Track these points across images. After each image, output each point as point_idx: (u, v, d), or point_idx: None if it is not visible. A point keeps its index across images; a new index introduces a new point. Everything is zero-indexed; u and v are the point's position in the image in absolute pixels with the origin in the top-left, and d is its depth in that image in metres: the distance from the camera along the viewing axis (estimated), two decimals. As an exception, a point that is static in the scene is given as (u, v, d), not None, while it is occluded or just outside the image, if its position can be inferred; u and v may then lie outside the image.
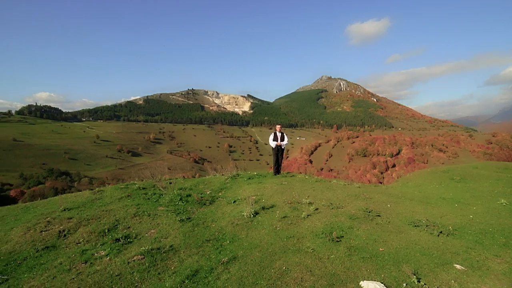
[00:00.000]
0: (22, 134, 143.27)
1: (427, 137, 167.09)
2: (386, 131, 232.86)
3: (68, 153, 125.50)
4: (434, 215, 5.65)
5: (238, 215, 5.75)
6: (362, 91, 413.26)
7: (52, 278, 3.59)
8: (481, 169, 11.87)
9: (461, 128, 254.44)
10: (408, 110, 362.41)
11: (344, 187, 7.76)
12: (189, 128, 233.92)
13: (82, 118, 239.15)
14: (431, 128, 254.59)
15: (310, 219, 5.18)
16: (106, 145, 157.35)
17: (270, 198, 6.67)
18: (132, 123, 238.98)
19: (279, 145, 9.78)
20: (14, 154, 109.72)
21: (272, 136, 9.95)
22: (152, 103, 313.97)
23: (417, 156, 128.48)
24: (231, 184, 8.69)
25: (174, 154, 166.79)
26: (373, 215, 5.34)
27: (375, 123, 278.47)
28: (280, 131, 10.01)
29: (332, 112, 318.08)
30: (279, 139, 9.86)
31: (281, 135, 9.96)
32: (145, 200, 7.30)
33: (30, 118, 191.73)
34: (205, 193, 8.06)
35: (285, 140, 10.01)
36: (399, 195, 7.21)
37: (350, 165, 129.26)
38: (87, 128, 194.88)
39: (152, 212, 6.36)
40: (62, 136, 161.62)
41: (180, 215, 6.09)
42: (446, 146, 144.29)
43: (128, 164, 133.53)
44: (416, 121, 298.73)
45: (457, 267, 3.53)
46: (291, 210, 5.70)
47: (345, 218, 5.19)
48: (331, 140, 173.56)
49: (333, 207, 5.78)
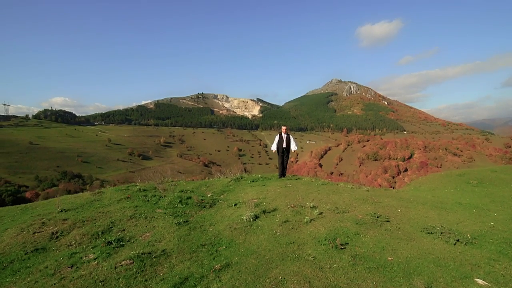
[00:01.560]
0: (38, 138, 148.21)
1: (441, 141, 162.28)
2: (397, 135, 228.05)
3: (81, 156, 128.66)
4: (449, 221, 5.19)
5: (238, 218, 5.46)
6: (373, 94, 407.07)
7: (34, 282, 3.39)
8: (500, 173, 11.14)
9: (476, 132, 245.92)
10: (420, 113, 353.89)
11: (352, 190, 7.35)
12: (199, 132, 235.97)
13: (94, 122, 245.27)
14: (445, 131, 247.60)
15: (313, 224, 4.82)
16: (117, 148, 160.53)
17: (272, 201, 6.34)
18: (143, 127, 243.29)
19: (282, 150, 9.40)
20: (30, 157, 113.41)
21: (277, 139, 9.57)
22: (163, 107, 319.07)
23: (430, 160, 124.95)
24: (234, 187, 8.41)
25: (184, 157, 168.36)
26: (382, 221, 4.94)
27: (386, 127, 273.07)
28: (286, 133, 9.63)
29: (342, 116, 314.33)
30: (284, 141, 9.47)
31: (287, 137, 9.58)
32: (144, 202, 7.12)
33: (45, 122, 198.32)
34: (206, 195, 7.81)
35: (293, 145, 9.53)
36: (411, 199, 6.74)
37: (361, 169, 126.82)
38: (99, 131, 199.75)
39: (150, 215, 6.15)
40: (76, 139, 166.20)
41: (178, 218, 5.86)
42: (461, 150, 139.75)
43: (139, 167, 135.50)
44: (429, 125, 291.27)
45: (479, 282, 3.11)
46: (294, 214, 5.36)
47: (351, 223, 4.81)
48: (341, 144, 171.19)
49: (339, 211, 5.41)
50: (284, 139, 9.50)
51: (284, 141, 9.47)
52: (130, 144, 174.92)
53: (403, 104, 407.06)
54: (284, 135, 9.57)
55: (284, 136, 9.55)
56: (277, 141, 9.53)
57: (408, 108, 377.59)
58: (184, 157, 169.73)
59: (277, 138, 9.58)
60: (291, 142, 9.57)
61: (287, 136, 9.58)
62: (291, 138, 9.63)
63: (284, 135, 9.57)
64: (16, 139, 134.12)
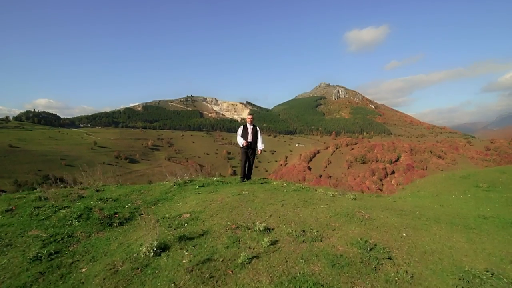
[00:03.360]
0: (18, 140, 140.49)
1: (426, 144, 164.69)
2: (384, 138, 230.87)
3: (64, 159, 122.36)
4: (490, 253, 3.08)
5: (136, 250, 3.21)
6: (361, 98, 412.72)
7: None
8: (510, 174, 9.32)
9: (459, 135, 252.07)
10: (406, 117, 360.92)
11: (332, 200, 5.18)
12: (187, 135, 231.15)
13: (80, 124, 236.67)
14: (429, 134, 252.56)
15: (253, 267, 2.61)
16: (103, 151, 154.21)
17: (209, 218, 4.10)
18: (130, 129, 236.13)
19: (247, 145, 7.16)
20: (9, 160, 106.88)
21: (241, 130, 7.35)
22: (151, 110, 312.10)
23: (416, 163, 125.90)
24: (174, 194, 6.12)
25: (172, 160, 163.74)
26: (379, 258, 2.78)
27: (374, 130, 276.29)
28: (251, 123, 7.43)
29: (330, 119, 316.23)
30: (249, 133, 7.25)
31: (253, 129, 7.37)
32: (25, 217, 4.82)
33: (27, 124, 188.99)
34: (131, 206, 5.48)
35: (260, 142, 7.34)
36: (415, 212, 4.64)
37: (349, 172, 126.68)
38: (85, 134, 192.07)
39: (10, 241, 3.86)
40: (59, 142, 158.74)
41: (47, 247, 3.58)
42: (445, 152, 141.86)
43: (126, 171, 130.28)
44: (414, 128, 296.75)
45: None
46: (229, 243, 3.13)
47: (323, 265, 2.63)
48: (330, 147, 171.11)
49: (306, 238, 3.21)
50: (249, 130, 7.30)
51: (250, 133, 7.25)
52: (117, 147, 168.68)
53: (390, 108, 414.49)
54: (250, 126, 7.38)
55: (249, 128, 7.35)
56: (241, 133, 7.30)
57: (394, 112, 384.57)
58: (173, 160, 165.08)
59: (241, 130, 7.36)
60: (258, 136, 7.38)
61: (253, 128, 7.39)
62: (258, 131, 7.44)
63: (250, 126, 7.37)
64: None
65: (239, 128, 7.44)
